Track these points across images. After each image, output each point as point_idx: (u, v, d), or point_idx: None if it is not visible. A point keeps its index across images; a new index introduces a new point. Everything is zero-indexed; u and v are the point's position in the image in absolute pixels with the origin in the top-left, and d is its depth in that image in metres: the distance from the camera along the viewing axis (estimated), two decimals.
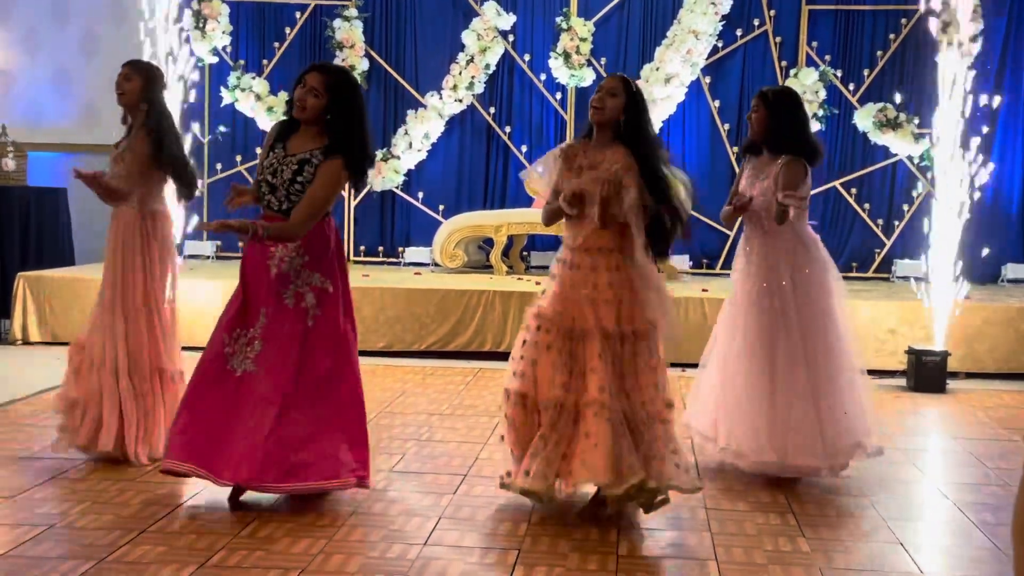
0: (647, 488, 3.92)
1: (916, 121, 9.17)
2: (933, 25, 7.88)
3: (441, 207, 9.68)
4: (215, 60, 9.71)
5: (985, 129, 9.27)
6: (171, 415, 4.49)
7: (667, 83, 9.18)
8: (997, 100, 9.26)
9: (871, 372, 6.99)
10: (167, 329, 4.82)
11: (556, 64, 9.37)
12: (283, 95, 9.58)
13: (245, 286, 4.19)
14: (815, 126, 9.13)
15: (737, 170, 5.02)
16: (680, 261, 9.04)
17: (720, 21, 9.25)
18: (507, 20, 9.48)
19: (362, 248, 9.78)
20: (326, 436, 4.08)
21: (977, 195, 9.26)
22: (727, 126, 9.44)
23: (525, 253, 9.51)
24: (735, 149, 9.45)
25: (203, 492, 4.23)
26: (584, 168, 4.15)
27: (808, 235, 4.77)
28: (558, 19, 9.40)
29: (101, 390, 4.62)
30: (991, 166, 9.27)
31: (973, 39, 8.90)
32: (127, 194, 4.82)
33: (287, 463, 3.98)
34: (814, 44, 9.36)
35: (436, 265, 9.05)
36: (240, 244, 4.33)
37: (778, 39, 9.43)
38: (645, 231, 4.04)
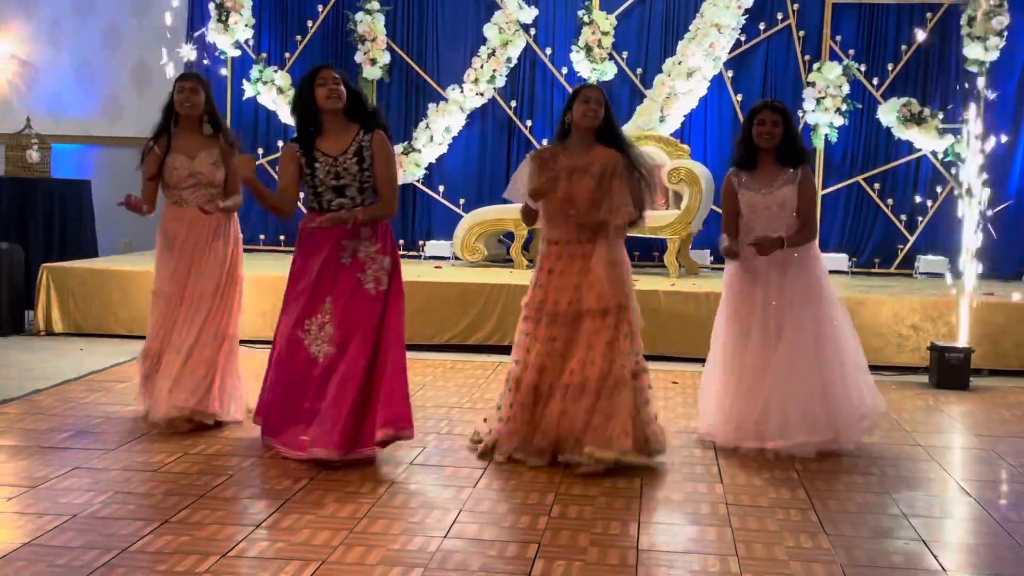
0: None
1: (941, 116, 9.10)
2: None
3: (462, 201, 9.68)
4: (237, 53, 9.74)
5: (1010, 126, 9.23)
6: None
7: (689, 77, 9.14)
8: (1021, 96, 9.21)
9: (893, 368, 7.04)
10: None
11: (578, 58, 9.35)
12: None
13: (309, 277, 4.59)
14: (839, 120, 9.09)
15: (734, 183, 5.08)
16: (700, 256, 9.02)
17: (743, 15, 9.20)
18: (529, 14, 9.46)
19: None
20: (396, 398, 4.54)
21: (1001, 191, 9.25)
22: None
23: None
24: None
25: (226, 483, 4.25)
26: (571, 170, 4.66)
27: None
28: (580, 13, 9.37)
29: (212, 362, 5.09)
30: (1016, 161, 9.24)
31: (999, 34, 8.85)
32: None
33: (371, 429, 4.49)
34: (838, 38, 9.30)
35: (456, 259, 9.06)
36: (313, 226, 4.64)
37: (801, 33, 9.37)
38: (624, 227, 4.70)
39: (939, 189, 9.26)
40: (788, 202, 5.01)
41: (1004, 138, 9.21)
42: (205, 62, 9.67)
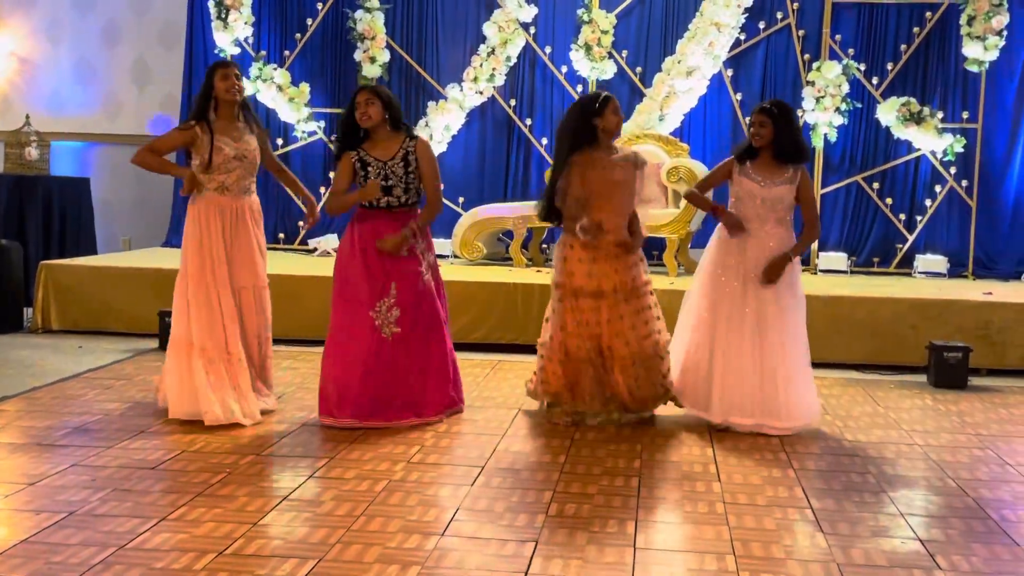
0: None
1: (940, 115, 9.11)
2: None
3: (461, 199, 9.68)
4: (237, 51, 9.74)
5: (1009, 124, 9.23)
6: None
7: (689, 76, 9.14)
8: (1021, 94, 9.21)
9: (892, 368, 7.04)
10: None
11: (577, 56, 9.35)
12: (304, 86, 9.61)
13: (372, 266, 5.17)
14: (838, 120, 9.10)
15: (735, 169, 5.42)
16: (699, 255, 8.96)
17: (743, 14, 9.20)
18: (528, 12, 9.46)
19: None
20: (446, 374, 5.39)
21: (1000, 190, 9.26)
22: (748, 119, 9.38)
23: (545, 246, 9.49)
24: None
25: (224, 480, 4.25)
26: (606, 170, 5.24)
27: (793, 235, 5.44)
28: (579, 11, 9.37)
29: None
30: (1016, 161, 9.24)
31: (998, 33, 8.86)
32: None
33: (444, 398, 5.38)
34: (837, 37, 9.30)
35: (456, 257, 9.05)
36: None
37: (801, 32, 9.37)
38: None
39: (938, 188, 9.27)
40: (779, 202, 5.30)
41: (1003, 137, 9.23)
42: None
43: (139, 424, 5.14)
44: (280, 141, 9.80)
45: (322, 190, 10.00)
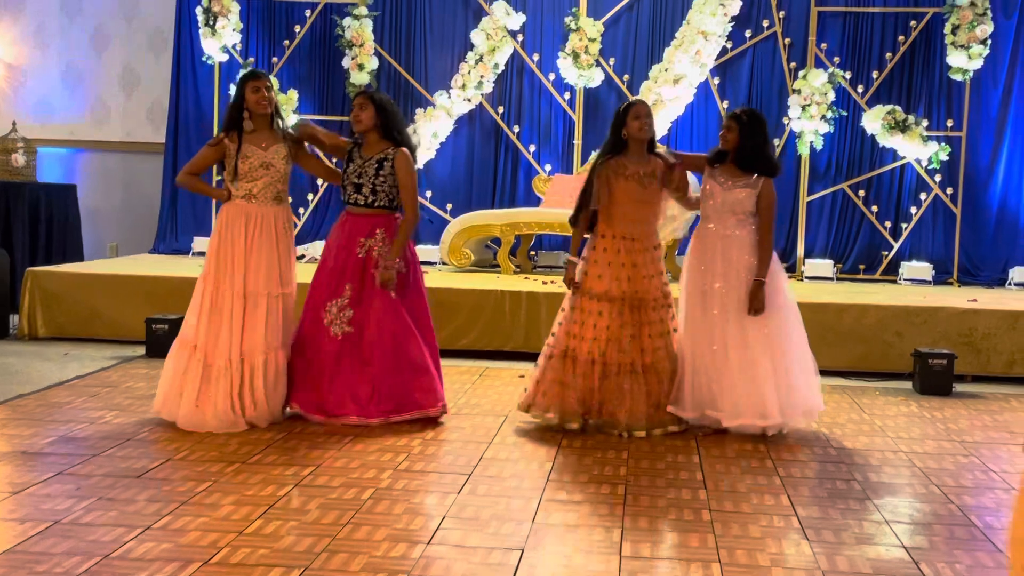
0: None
1: (925, 124, 9.16)
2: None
3: (449, 206, 9.69)
4: (225, 58, 9.74)
5: (993, 132, 9.29)
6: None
7: (676, 84, 9.17)
8: (1005, 103, 9.27)
9: (878, 375, 7.07)
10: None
11: (565, 64, 9.38)
12: (292, 93, 9.61)
13: (332, 268, 5.39)
14: (824, 128, 9.14)
15: (706, 169, 5.59)
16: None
17: (729, 22, 9.25)
18: (516, 20, 9.48)
19: None
20: (408, 378, 5.37)
21: (985, 198, 9.31)
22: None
23: (532, 253, 9.52)
24: None
25: (209, 489, 4.25)
26: (638, 176, 5.37)
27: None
28: (567, 19, 9.40)
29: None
30: (1000, 169, 9.30)
31: (982, 42, 8.91)
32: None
33: (385, 401, 5.32)
34: (823, 46, 9.35)
35: (444, 264, 9.06)
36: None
37: (787, 40, 9.42)
38: None
39: (923, 196, 9.32)
40: (739, 205, 5.41)
41: (988, 145, 9.28)
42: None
43: (125, 432, 5.13)
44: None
45: (309, 197, 10.01)
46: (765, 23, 9.42)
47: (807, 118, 9.10)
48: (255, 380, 5.28)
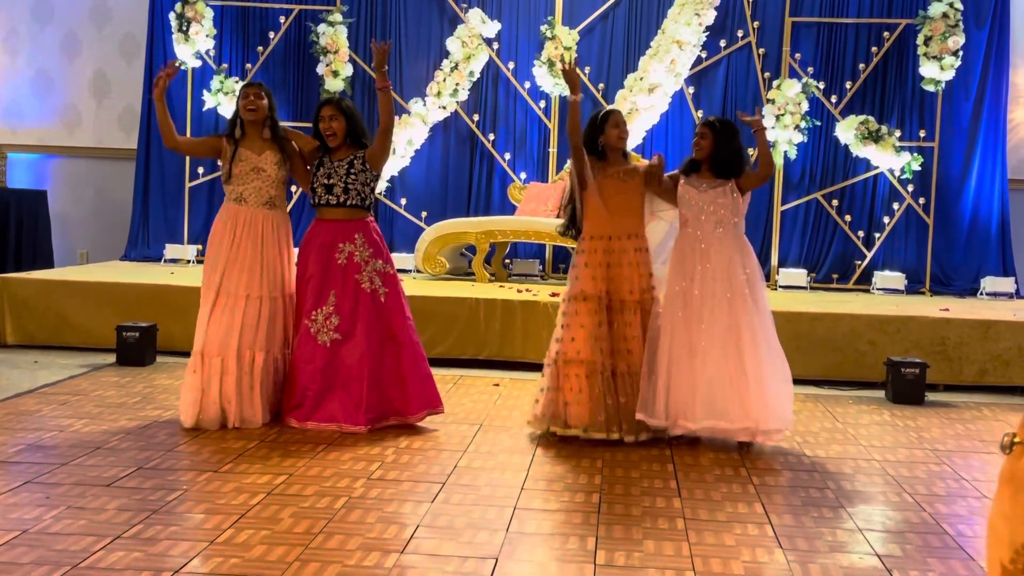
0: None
1: (898, 134, 9.23)
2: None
3: (424, 214, 9.67)
4: (198, 63, 9.68)
5: (965, 142, 9.37)
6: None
7: (651, 93, 9.20)
8: (977, 114, 9.36)
9: (851, 384, 7.10)
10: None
11: (540, 72, 9.39)
12: None
13: (313, 275, 5.40)
14: (798, 137, 9.19)
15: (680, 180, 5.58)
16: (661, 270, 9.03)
17: (704, 32, 9.29)
18: (492, 27, 9.49)
19: None
20: (400, 384, 5.43)
21: (957, 208, 9.39)
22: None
23: (507, 261, 9.51)
24: None
25: (180, 497, 4.20)
26: (618, 173, 5.48)
27: (746, 241, 5.56)
28: (543, 27, 9.41)
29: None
30: (972, 179, 9.38)
31: (954, 53, 9.00)
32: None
33: (373, 409, 5.35)
34: (797, 56, 9.41)
35: (418, 272, 9.03)
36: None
37: (761, 50, 9.47)
38: None
39: (896, 206, 9.39)
40: (714, 203, 5.42)
41: (960, 156, 9.36)
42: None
43: (94, 441, 5.07)
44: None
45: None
46: (740, 33, 9.48)
47: (781, 128, 9.15)
48: (226, 377, 5.35)
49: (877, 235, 9.43)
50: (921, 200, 9.34)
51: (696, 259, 5.42)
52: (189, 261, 9.53)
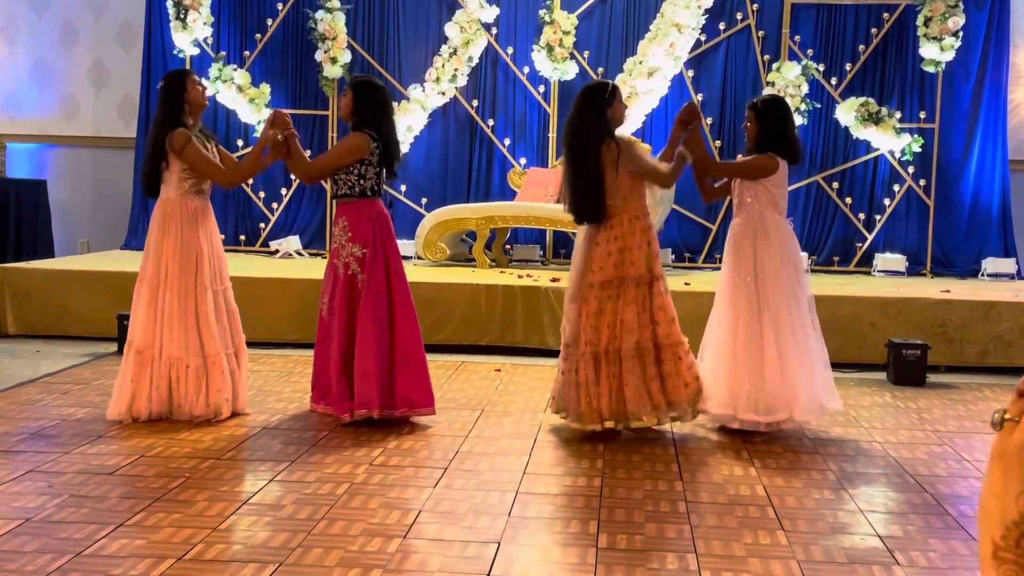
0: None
1: (898, 115, 9.21)
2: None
3: (424, 200, 9.66)
4: (196, 52, 9.66)
5: (966, 124, 9.35)
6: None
7: (650, 77, 9.18)
8: (977, 95, 9.33)
9: (853, 365, 7.10)
10: None
11: (539, 57, 9.36)
12: (265, 87, 9.54)
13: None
14: (797, 120, 9.17)
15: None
16: (662, 254, 9.03)
17: (703, 15, 9.25)
18: (490, 13, 9.46)
19: None
20: (386, 370, 5.24)
21: (957, 189, 9.37)
22: (710, 120, 9.45)
23: (508, 246, 9.50)
24: (718, 143, 9.46)
25: (182, 485, 4.21)
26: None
27: (787, 229, 5.38)
28: (541, 12, 9.38)
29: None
30: (972, 160, 9.36)
31: (954, 34, 8.96)
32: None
33: (358, 396, 5.19)
34: (796, 38, 9.38)
35: (419, 258, 9.02)
36: None
37: (761, 33, 9.44)
38: None
39: (897, 188, 9.37)
40: (760, 193, 5.32)
41: (960, 137, 9.34)
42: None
43: (97, 429, 5.08)
44: (240, 143, 9.72)
45: (283, 191, 9.95)
46: (739, 16, 9.44)
47: None
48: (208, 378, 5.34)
49: (878, 217, 9.42)
50: (922, 182, 9.33)
51: (748, 248, 5.32)
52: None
